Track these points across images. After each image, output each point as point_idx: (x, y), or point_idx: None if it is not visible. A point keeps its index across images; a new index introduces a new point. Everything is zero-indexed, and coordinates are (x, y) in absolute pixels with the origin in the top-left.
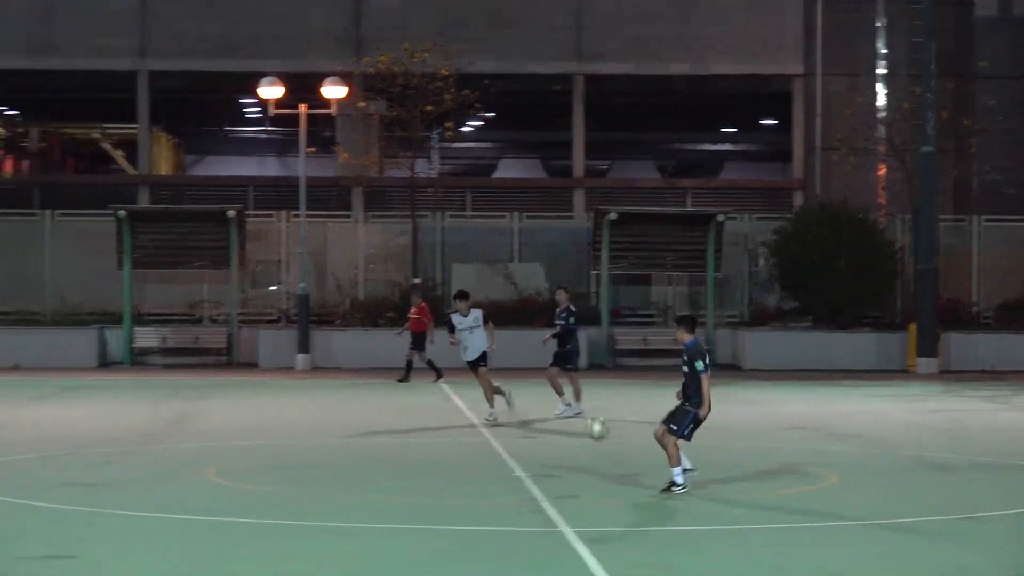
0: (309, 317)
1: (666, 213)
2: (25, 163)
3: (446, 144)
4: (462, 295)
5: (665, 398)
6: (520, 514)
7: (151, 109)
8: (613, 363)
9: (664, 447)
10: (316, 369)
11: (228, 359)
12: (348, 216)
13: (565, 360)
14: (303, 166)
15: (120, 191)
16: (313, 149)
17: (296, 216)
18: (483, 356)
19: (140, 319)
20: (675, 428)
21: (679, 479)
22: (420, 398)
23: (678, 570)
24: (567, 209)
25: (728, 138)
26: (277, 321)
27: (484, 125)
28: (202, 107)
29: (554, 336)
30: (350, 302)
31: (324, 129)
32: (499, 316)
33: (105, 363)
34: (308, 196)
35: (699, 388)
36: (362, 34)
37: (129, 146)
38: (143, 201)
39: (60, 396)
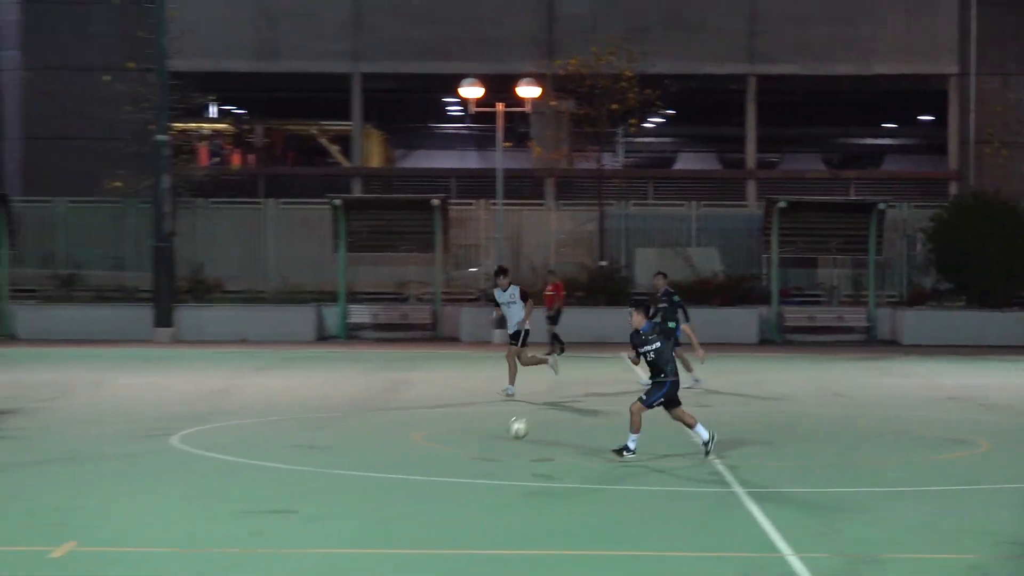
0: None
1: (831, 202)
2: (251, 157)
3: (630, 139)
4: (502, 271)
5: (828, 370)
6: (699, 476)
7: (363, 107)
8: (782, 339)
9: (631, 414)
10: None
11: (433, 334)
12: (541, 204)
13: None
14: (500, 159)
15: (336, 182)
16: (509, 144)
17: (494, 204)
18: (515, 334)
19: (353, 297)
20: (644, 398)
21: (632, 445)
22: (604, 369)
23: (841, 528)
24: (740, 198)
25: (888, 133)
26: (477, 299)
27: (664, 121)
28: (409, 105)
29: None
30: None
31: (519, 125)
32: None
33: (322, 337)
34: (504, 186)
35: (670, 360)
36: (554, 38)
37: (343, 141)
38: (356, 191)
39: (283, 366)
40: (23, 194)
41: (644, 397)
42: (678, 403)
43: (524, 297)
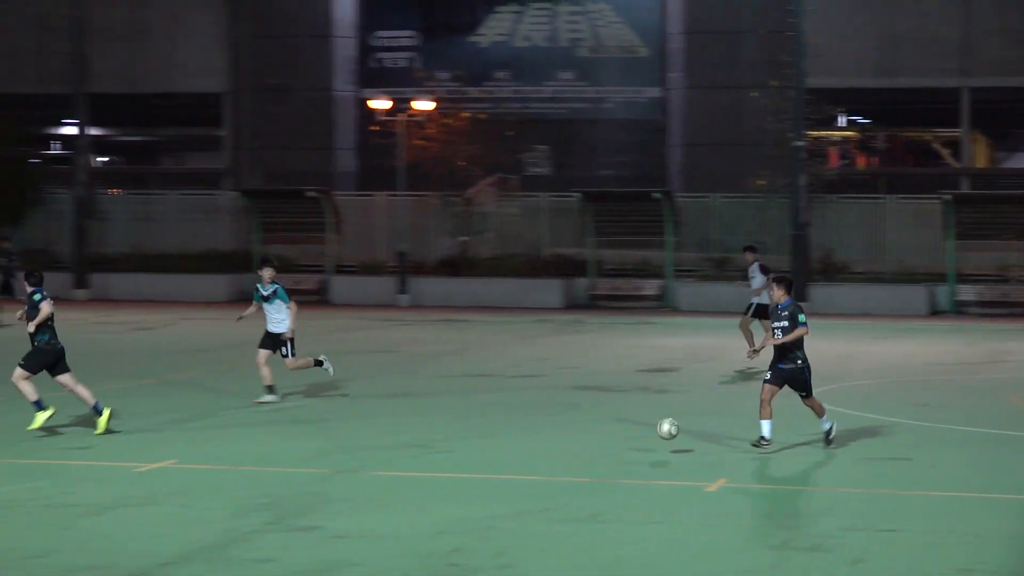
0: None
1: None
2: (873, 159)
3: None
4: (748, 248)
5: None
6: None
7: (971, 116)
8: None
9: (811, 408)
10: None
11: None
12: None
13: None
14: None
15: (945, 180)
16: None
17: None
18: (753, 305)
19: (961, 278)
20: (805, 395)
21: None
22: None
23: None
24: None
25: None
26: None
27: None
28: (1012, 114)
29: None
30: None
31: None
32: None
33: (933, 312)
34: None
35: (799, 346)
36: None
37: (953, 145)
38: (964, 188)
39: (897, 336)
40: (684, 190)
41: (804, 393)
42: (780, 388)
43: (764, 272)
